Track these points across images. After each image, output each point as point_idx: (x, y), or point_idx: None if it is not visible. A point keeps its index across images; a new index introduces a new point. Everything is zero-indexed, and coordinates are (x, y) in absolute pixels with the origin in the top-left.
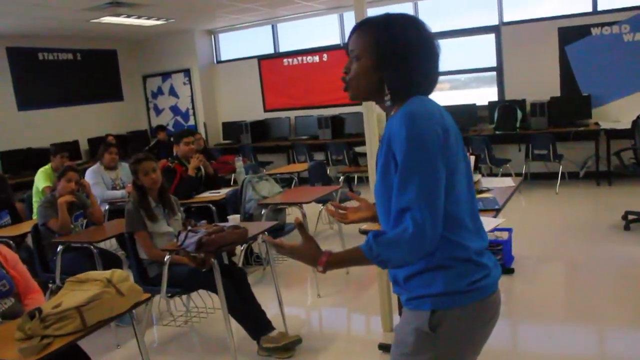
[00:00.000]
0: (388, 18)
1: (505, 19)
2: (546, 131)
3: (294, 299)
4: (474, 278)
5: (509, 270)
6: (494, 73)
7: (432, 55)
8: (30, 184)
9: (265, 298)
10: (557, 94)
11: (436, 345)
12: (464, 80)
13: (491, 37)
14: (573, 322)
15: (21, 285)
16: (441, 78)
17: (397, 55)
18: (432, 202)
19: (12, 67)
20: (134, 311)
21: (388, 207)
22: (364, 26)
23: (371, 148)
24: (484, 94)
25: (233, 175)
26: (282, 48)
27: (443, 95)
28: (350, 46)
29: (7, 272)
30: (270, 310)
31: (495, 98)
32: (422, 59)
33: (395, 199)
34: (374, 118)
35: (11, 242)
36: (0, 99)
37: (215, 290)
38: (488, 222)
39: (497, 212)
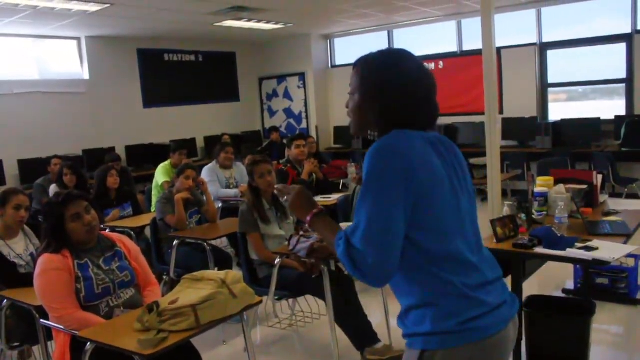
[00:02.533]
0: (376, 55)
1: None
2: None
3: (398, 311)
4: (466, 317)
5: (634, 301)
6: (620, 85)
7: (418, 91)
8: (149, 178)
9: (369, 308)
10: None
11: None
12: (582, 91)
13: (622, 47)
14: None
15: (141, 277)
16: (556, 89)
17: (377, 90)
18: (376, 236)
19: (141, 67)
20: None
21: None
22: (358, 64)
23: (492, 159)
24: (607, 107)
25: (342, 180)
26: None
27: (559, 107)
28: (350, 83)
29: (130, 263)
30: (373, 320)
31: (622, 112)
32: (404, 95)
33: (353, 223)
34: (496, 129)
35: (132, 232)
36: (129, 96)
37: (322, 296)
38: (617, 249)
39: (627, 237)
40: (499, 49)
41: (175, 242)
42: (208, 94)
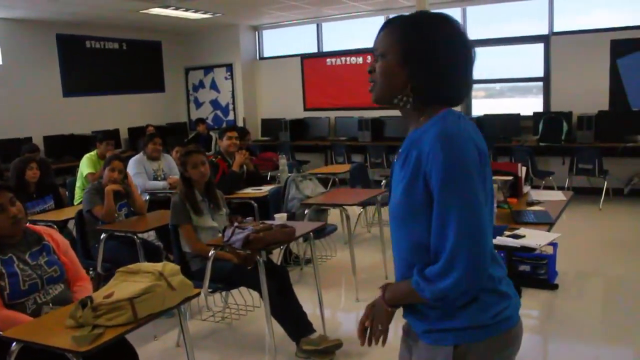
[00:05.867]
0: (418, 15)
1: (556, 29)
2: (592, 145)
3: (331, 302)
4: (498, 309)
5: (552, 286)
6: (536, 83)
7: (464, 59)
8: (70, 170)
9: (302, 299)
10: (606, 107)
11: None
12: (499, 89)
13: (539, 47)
14: (619, 343)
15: (71, 272)
16: (475, 86)
17: (423, 51)
18: (477, 237)
19: (61, 53)
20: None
21: (407, 229)
22: (392, 23)
23: None
24: (524, 104)
25: (269, 172)
26: (326, 48)
27: (480, 103)
28: (376, 45)
29: (59, 258)
30: (308, 311)
31: (539, 109)
32: (452, 60)
33: (436, 235)
34: None
35: (54, 226)
36: (47, 84)
37: (257, 288)
38: (542, 236)
39: (550, 226)
40: None
41: (103, 236)
42: (132, 84)
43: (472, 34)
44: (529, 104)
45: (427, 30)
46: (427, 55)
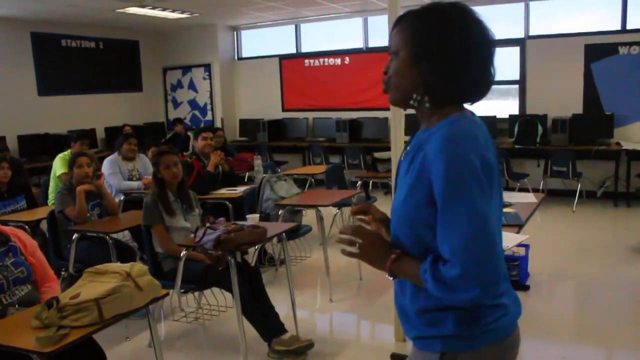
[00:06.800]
0: (431, 7)
1: (531, 33)
2: (566, 148)
3: (305, 302)
4: (488, 319)
5: (524, 287)
6: (514, 86)
7: (482, 54)
8: (45, 169)
9: (276, 299)
10: (580, 111)
11: None
12: None
13: (515, 50)
14: (587, 343)
15: (39, 273)
16: None
17: (435, 47)
18: (489, 250)
19: (35, 52)
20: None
21: (409, 228)
22: (403, 19)
23: (396, 155)
24: (502, 107)
25: (247, 173)
26: (304, 49)
27: None
28: (389, 43)
29: (26, 259)
30: (280, 312)
31: (515, 111)
32: (468, 56)
33: (441, 239)
34: (401, 124)
35: (26, 226)
36: (21, 83)
37: (229, 289)
38: (511, 238)
39: (519, 228)
40: None
41: (75, 236)
42: (109, 83)
43: None
44: (506, 107)
45: (439, 24)
46: (440, 52)
